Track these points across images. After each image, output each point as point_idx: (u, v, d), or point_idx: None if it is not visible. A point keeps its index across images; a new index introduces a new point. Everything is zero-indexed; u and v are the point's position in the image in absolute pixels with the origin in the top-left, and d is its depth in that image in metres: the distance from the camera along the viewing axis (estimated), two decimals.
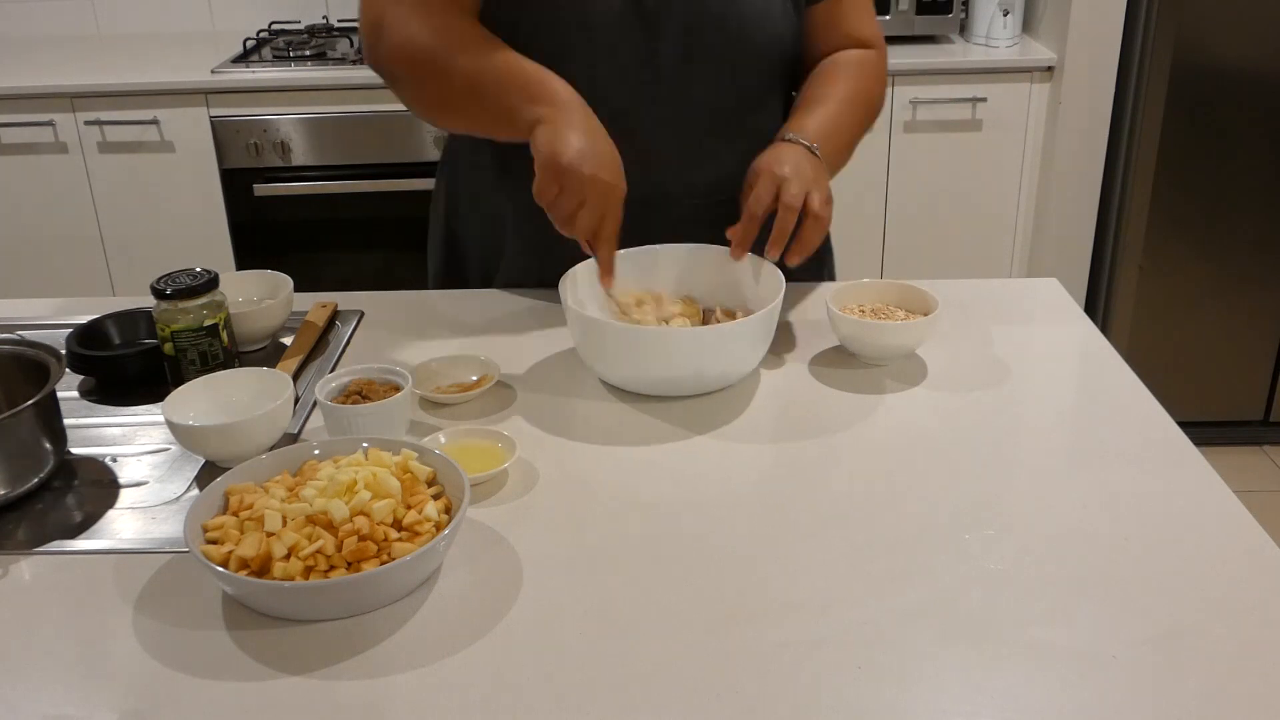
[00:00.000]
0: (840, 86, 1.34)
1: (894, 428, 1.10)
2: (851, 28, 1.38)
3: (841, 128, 1.31)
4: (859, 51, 1.38)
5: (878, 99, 1.39)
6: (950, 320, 1.30)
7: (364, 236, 2.80)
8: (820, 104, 1.31)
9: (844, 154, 1.33)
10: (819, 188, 1.20)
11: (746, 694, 0.77)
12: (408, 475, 0.93)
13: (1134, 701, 0.76)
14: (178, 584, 0.90)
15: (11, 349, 1.10)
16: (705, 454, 1.06)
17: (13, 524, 0.99)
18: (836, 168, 1.30)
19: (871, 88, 1.38)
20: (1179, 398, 2.36)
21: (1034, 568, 0.89)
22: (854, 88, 1.34)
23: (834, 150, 1.28)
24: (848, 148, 1.33)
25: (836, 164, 1.30)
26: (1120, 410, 1.12)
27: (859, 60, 1.38)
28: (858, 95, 1.35)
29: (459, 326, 1.33)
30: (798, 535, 0.94)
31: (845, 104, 1.32)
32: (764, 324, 1.14)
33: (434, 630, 0.84)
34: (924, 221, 2.82)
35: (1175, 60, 2.49)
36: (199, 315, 1.16)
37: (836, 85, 1.34)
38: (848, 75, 1.35)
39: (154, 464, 1.08)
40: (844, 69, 1.36)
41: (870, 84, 1.38)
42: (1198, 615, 0.84)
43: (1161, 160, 2.58)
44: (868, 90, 1.37)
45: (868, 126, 1.37)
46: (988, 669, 0.79)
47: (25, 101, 2.63)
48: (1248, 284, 2.67)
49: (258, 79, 2.64)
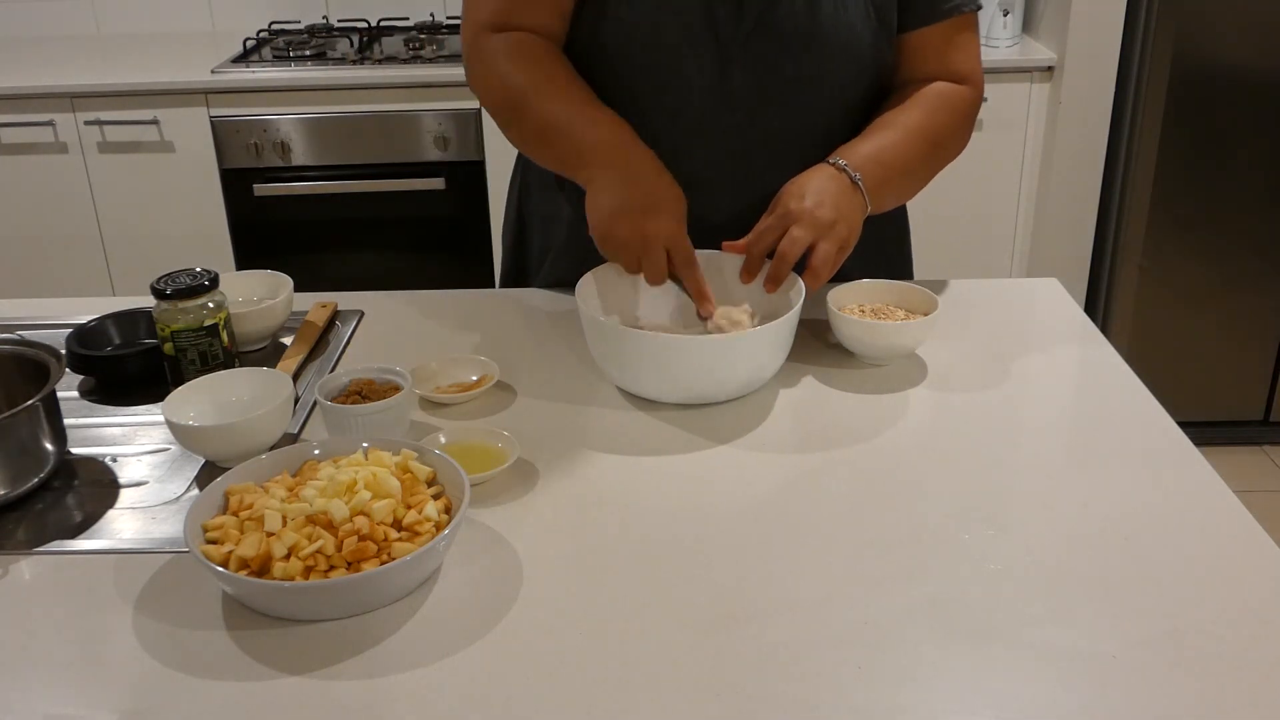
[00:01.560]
0: (912, 115, 1.25)
1: (894, 427, 1.10)
2: (948, 59, 1.28)
3: (900, 156, 1.22)
4: (949, 85, 1.28)
5: (956, 138, 1.29)
6: (950, 320, 1.30)
7: (364, 236, 2.80)
8: (883, 130, 1.24)
9: (898, 186, 1.25)
10: (832, 233, 1.14)
11: (746, 694, 0.77)
12: (408, 475, 0.93)
13: (1134, 701, 0.76)
14: (178, 584, 0.90)
15: (11, 349, 1.10)
16: (703, 454, 1.06)
17: (13, 524, 0.99)
18: (887, 201, 1.24)
19: (949, 123, 1.27)
20: (1179, 398, 2.35)
21: (1034, 568, 0.89)
22: (928, 120, 1.25)
23: (883, 180, 1.20)
24: (903, 180, 1.25)
25: (887, 196, 1.23)
26: (1120, 410, 1.12)
27: (944, 93, 1.27)
28: (929, 128, 1.25)
29: (459, 326, 1.33)
30: (797, 535, 0.94)
31: (912, 134, 1.23)
32: (783, 331, 1.13)
33: (434, 630, 0.84)
34: (924, 221, 2.81)
35: (1175, 60, 2.49)
36: (199, 315, 1.16)
37: (908, 114, 1.25)
38: (924, 106, 1.26)
39: (154, 464, 1.08)
40: (923, 99, 1.26)
41: (950, 120, 1.27)
42: (1198, 615, 0.84)
43: (1161, 160, 2.58)
44: (944, 125, 1.26)
45: (937, 164, 1.28)
46: (988, 669, 0.79)
47: (25, 101, 2.63)
48: (1248, 284, 2.67)
49: (258, 79, 2.64)
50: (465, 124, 2.65)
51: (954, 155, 1.31)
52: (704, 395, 1.13)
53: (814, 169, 1.20)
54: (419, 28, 3.02)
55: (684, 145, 1.25)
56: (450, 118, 2.64)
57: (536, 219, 1.44)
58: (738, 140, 1.26)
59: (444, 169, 2.69)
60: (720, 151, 1.26)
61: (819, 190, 1.17)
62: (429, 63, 2.68)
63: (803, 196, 1.16)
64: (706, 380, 1.11)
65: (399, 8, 3.07)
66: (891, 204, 1.27)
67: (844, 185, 1.18)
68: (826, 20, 1.21)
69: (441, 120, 2.64)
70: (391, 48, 2.80)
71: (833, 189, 1.17)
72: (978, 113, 1.32)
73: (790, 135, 1.26)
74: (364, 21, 2.99)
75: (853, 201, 1.18)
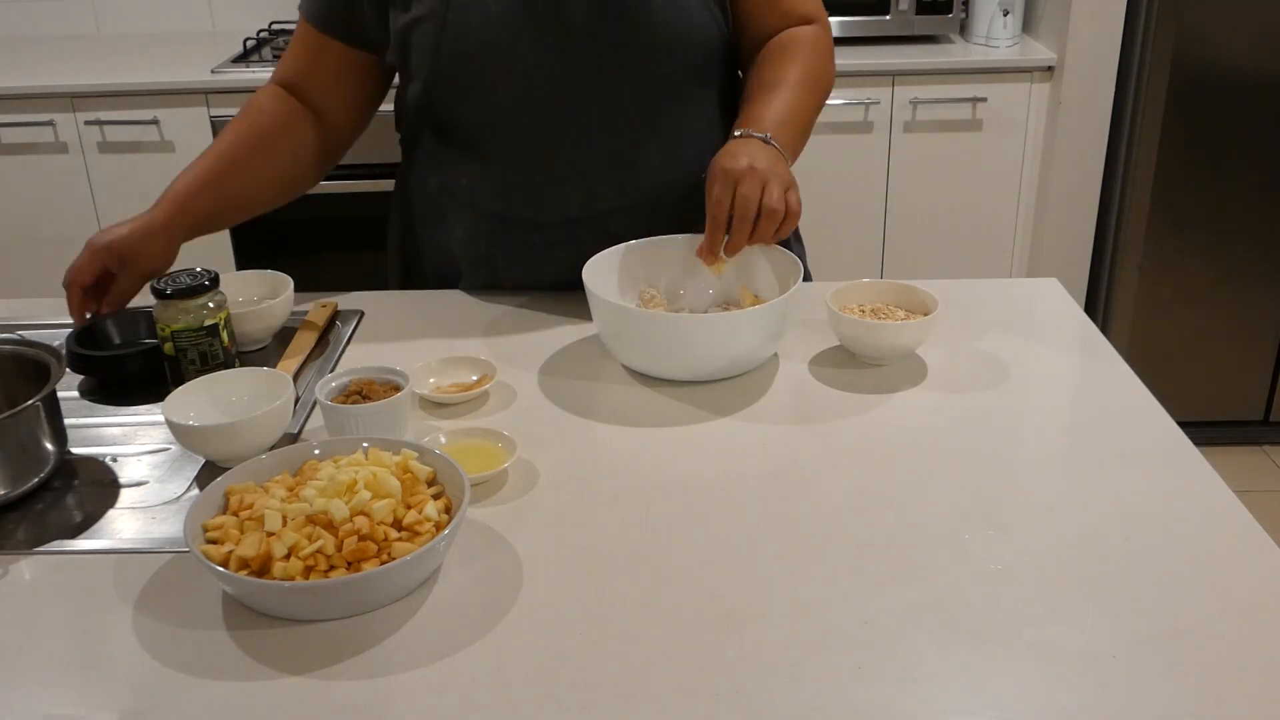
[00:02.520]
0: (791, 69, 1.30)
1: (894, 428, 1.10)
2: (791, 5, 1.35)
3: (796, 111, 1.28)
4: (804, 29, 1.35)
5: (829, 76, 1.37)
6: (950, 320, 1.30)
7: (364, 236, 2.79)
8: (772, 90, 1.28)
9: (802, 138, 1.31)
10: (777, 178, 1.18)
11: (746, 694, 0.77)
12: (408, 475, 0.93)
13: (1134, 701, 0.76)
14: (178, 584, 0.90)
15: (11, 349, 1.10)
16: (703, 458, 1.06)
17: (13, 524, 0.99)
18: (796, 153, 1.29)
19: (822, 65, 1.35)
20: (1179, 398, 2.36)
21: (1034, 568, 0.89)
22: (805, 69, 1.31)
23: (791, 136, 1.26)
24: (804, 131, 1.31)
25: (796, 149, 1.28)
26: (1120, 410, 1.12)
27: (806, 39, 1.34)
28: (809, 76, 1.31)
29: (459, 326, 1.33)
30: (797, 535, 0.94)
31: (798, 86, 1.29)
32: (776, 312, 1.15)
33: (434, 630, 0.84)
34: (924, 221, 2.81)
35: (1175, 60, 2.49)
36: (199, 315, 1.16)
37: (787, 68, 1.30)
38: (796, 56, 1.32)
39: (154, 464, 1.08)
40: (791, 50, 1.32)
41: (821, 61, 1.34)
42: (1198, 615, 0.84)
43: (1161, 160, 2.58)
44: (819, 69, 1.33)
45: (821, 105, 1.35)
46: (987, 669, 0.79)
47: (25, 101, 2.62)
48: (1248, 284, 2.67)
49: (258, 79, 2.64)
50: None
51: (829, 93, 1.37)
52: (705, 373, 1.17)
53: (728, 144, 1.23)
54: None
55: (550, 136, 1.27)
56: None
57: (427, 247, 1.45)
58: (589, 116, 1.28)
59: None
60: (575, 130, 1.28)
61: (748, 153, 1.19)
62: None
63: (734, 157, 1.19)
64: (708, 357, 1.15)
65: None
66: (798, 155, 1.31)
67: (764, 146, 1.21)
68: None
69: None
70: None
71: (757, 149, 1.20)
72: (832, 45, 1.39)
73: (645, 104, 1.29)
74: None
75: (776, 155, 1.22)
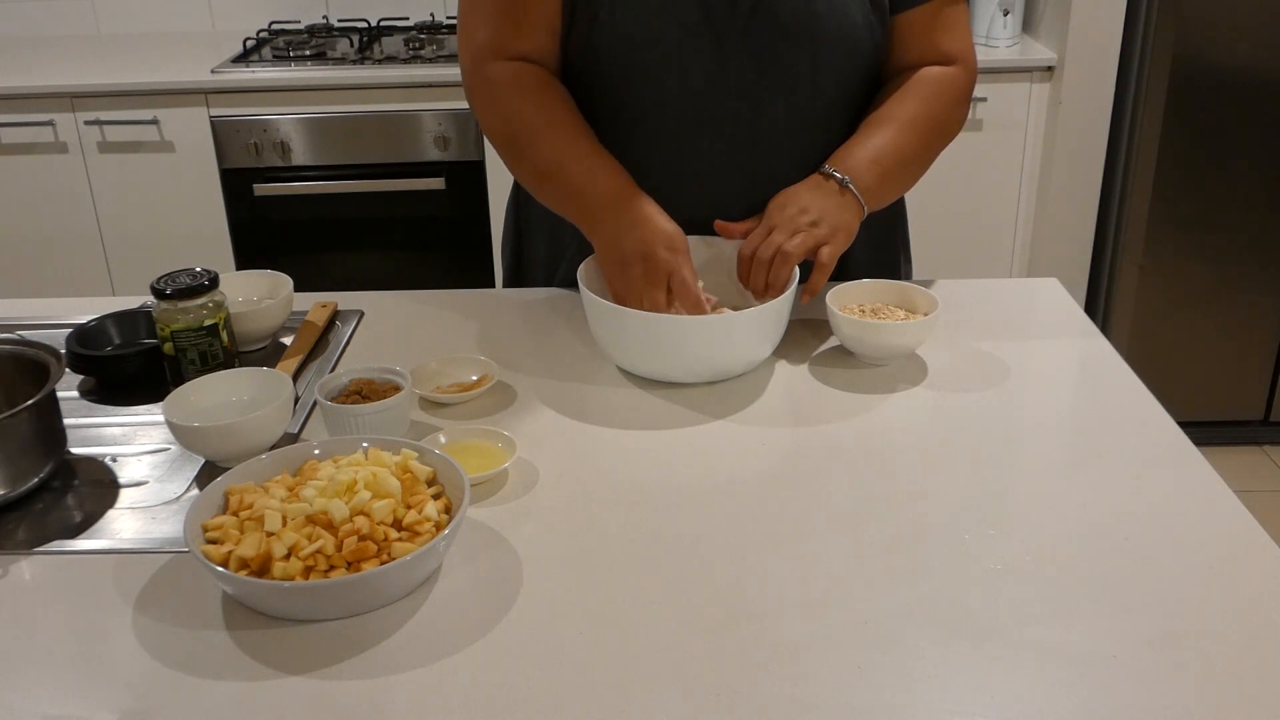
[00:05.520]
0: (907, 107, 1.27)
1: (894, 428, 1.10)
2: (939, 40, 1.30)
3: (895, 151, 1.26)
4: (940, 69, 1.30)
5: (951, 121, 1.32)
6: (950, 320, 1.30)
7: (364, 236, 2.80)
8: (877, 127, 1.26)
9: (895, 181, 1.28)
10: (814, 230, 1.19)
11: (746, 694, 0.77)
12: (408, 475, 0.93)
13: (1134, 701, 0.76)
14: (178, 584, 0.90)
15: (11, 349, 1.10)
16: (704, 457, 1.06)
17: (13, 524, 0.99)
18: (884, 197, 1.28)
19: (944, 109, 1.30)
20: (1179, 398, 2.36)
21: (1034, 568, 0.89)
22: (923, 109, 1.28)
23: (879, 177, 1.24)
24: (900, 173, 1.28)
25: (883, 192, 1.27)
26: (1120, 410, 1.12)
27: (936, 78, 1.30)
28: (925, 116, 1.28)
29: (459, 326, 1.33)
30: (797, 535, 0.94)
31: (907, 127, 1.26)
32: (774, 315, 1.16)
33: (434, 630, 0.84)
34: (924, 221, 2.81)
35: (1175, 60, 2.49)
36: (199, 315, 1.16)
37: (903, 105, 1.28)
38: (919, 95, 1.28)
39: (154, 464, 1.08)
40: (917, 87, 1.29)
41: (944, 105, 1.30)
42: (1198, 615, 0.84)
43: (1161, 160, 2.58)
44: (939, 112, 1.29)
45: (935, 151, 1.31)
46: (988, 669, 0.79)
47: (25, 101, 2.63)
48: (1248, 284, 2.67)
49: (258, 79, 2.64)
50: (465, 124, 2.65)
51: (951, 138, 1.34)
52: (702, 374, 1.17)
53: (803, 181, 1.25)
54: (419, 28, 3.02)
55: (687, 138, 1.27)
56: (450, 118, 2.64)
57: (537, 227, 1.45)
58: (739, 129, 1.27)
59: (444, 169, 2.69)
60: (722, 142, 1.27)
61: (799, 198, 1.23)
62: (429, 63, 2.68)
63: (784, 206, 1.23)
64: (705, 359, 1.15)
65: (399, 8, 3.08)
66: (894, 197, 1.31)
67: (829, 190, 1.23)
68: (822, 6, 1.23)
69: (441, 120, 2.64)
70: (391, 48, 2.79)
71: (815, 195, 1.23)
72: (972, 91, 1.35)
73: (793, 122, 1.27)
74: (364, 21, 2.99)
75: (840, 203, 1.23)
